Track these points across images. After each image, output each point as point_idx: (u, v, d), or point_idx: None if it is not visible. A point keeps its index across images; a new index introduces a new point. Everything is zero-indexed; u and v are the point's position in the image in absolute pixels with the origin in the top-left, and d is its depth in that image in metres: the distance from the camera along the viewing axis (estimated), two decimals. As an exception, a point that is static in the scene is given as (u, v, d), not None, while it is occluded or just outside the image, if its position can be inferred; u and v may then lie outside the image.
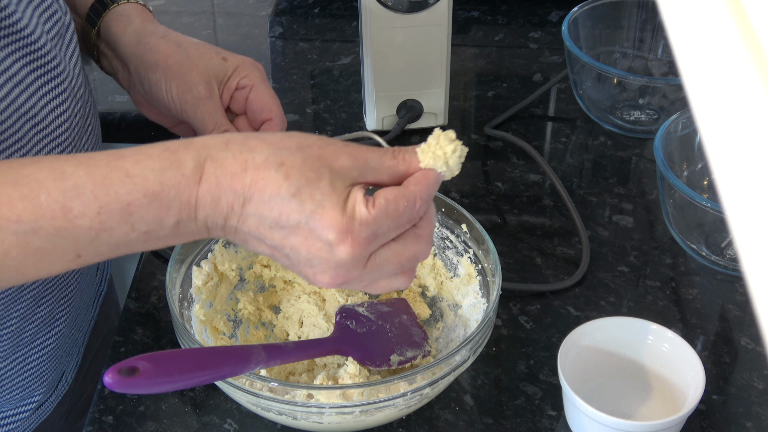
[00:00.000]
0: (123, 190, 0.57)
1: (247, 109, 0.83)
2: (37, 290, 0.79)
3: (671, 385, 0.79)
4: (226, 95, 0.82)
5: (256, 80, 0.82)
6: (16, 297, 0.77)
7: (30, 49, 0.71)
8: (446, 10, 1.03)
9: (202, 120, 0.80)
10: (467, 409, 0.82)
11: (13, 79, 0.70)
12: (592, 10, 1.16)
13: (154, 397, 0.82)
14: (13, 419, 0.86)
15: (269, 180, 0.58)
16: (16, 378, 0.84)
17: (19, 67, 0.70)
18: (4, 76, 0.69)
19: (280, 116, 0.83)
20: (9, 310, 0.77)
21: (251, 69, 0.82)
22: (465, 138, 1.12)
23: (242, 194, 0.58)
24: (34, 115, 0.72)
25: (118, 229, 0.58)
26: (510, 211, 1.02)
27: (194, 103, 0.80)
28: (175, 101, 0.81)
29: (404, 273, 0.64)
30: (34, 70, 0.72)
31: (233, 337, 0.84)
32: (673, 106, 1.10)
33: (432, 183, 0.62)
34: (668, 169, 0.90)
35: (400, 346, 0.80)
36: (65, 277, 0.83)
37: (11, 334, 0.79)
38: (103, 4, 0.84)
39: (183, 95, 0.80)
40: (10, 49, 0.70)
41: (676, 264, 0.95)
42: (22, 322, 0.80)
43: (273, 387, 0.71)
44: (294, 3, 1.37)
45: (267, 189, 0.58)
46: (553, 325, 0.88)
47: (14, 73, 0.70)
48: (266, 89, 0.82)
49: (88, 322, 0.94)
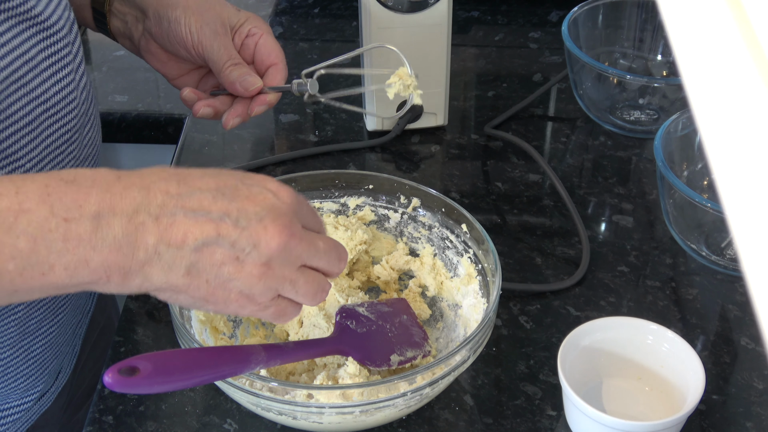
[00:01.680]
0: (40, 177, 0.57)
1: (255, 54, 0.90)
2: None
3: (671, 385, 0.79)
4: (237, 40, 0.89)
5: (265, 31, 0.90)
6: None
7: (47, 33, 0.73)
8: (446, 10, 1.03)
9: (218, 51, 0.87)
10: (467, 409, 0.82)
11: (29, 62, 0.71)
12: (592, 10, 1.16)
13: (154, 397, 0.82)
14: (16, 409, 0.88)
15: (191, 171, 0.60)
16: (20, 367, 0.85)
17: (36, 51, 0.72)
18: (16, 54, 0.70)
19: (283, 62, 0.90)
20: None
21: (260, 21, 0.91)
22: (465, 138, 1.12)
23: (174, 179, 0.58)
24: (47, 100, 0.75)
25: (37, 210, 0.55)
26: (510, 211, 1.02)
27: (212, 36, 0.87)
28: (194, 34, 0.86)
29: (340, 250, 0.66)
30: (49, 55, 0.73)
31: (233, 337, 0.84)
32: (673, 106, 1.10)
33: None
34: (668, 169, 0.90)
35: (400, 346, 0.80)
36: None
37: (18, 321, 0.81)
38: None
39: (201, 28, 0.86)
40: (29, 33, 0.71)
41: (676, 264, 0.95)
42: (28, 309, 0.81)
43: (273, 387, 0.71)
44: (294, 3, 1.37)
45: (194, 172, 0.60)
46: (553, 325, 0.88)
47: (31, 56, 0.71)
48: (273, 39, 0.91)
49: (86, 312, 0.96)
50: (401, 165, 1.09)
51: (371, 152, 1.10)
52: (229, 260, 0.58)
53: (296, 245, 0.61)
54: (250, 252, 0.59)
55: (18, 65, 0.69)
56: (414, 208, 0.89)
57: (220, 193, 0.58)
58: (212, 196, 0.58)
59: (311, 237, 0.62)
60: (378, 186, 0.90)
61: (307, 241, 0.62)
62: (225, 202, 0.58)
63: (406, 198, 0.89)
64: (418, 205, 0.89)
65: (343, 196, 0.91)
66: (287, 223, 0.60)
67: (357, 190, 0.91)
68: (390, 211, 0.90)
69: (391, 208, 0.90)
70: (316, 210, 0.68)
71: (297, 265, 0.62)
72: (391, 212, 0.91)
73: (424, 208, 0.89)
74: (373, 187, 0.90)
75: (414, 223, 0.90)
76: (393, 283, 0.90)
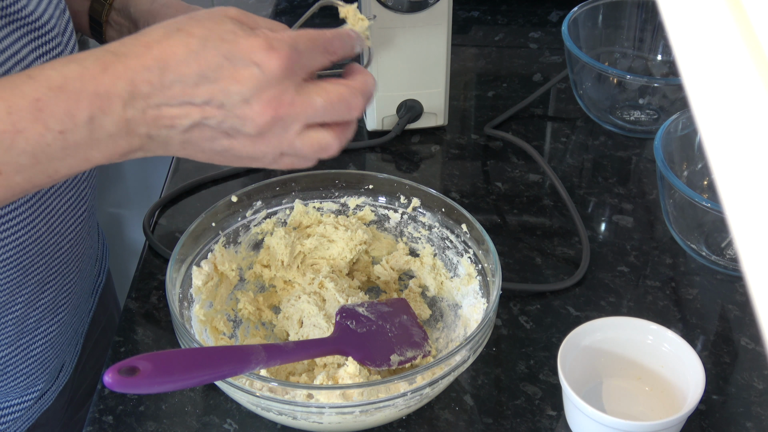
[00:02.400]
0: (28, 89, 0.57)
1: None
2: (41, 276, 0.81)
3: (671, 385, 0.79)
4: None
5: None
6: (21, 282, 0.79)
7: (38, 33, 0.73)
8: (446, 10, 1.03)
9: None
10: (467, 409, 0.82)
11: (20, 63, 0.71)
12: (592, 10, 1.16)
13: (154, 397, 0.82)
14: (17, 408, 0.88)
15: (175, 44, 0.59)
16: (20, 365, 0.85)
17: (28, 51, 0.71)
18: (6, 55, 0.69)
19: None
20: (14, 295, 0.79)
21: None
22: (465, 138, 1.12)
23: (156, 66, 0.58)
24: None
25: (32, 129, 0.57)
26: (510, 211, 1.02)
27: None
28: None
29: (332, 128, 0.64)
30: (41, 55, 0.73)
31: (233, 337, 0.84)
32: (673, 106, 1.10)
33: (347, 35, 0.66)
34: (668, 169, 0.90)
35: (400, 346, 0.80)
36: (67, 264, 0.84)
37: (16, 320, 0.81)
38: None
39: None
40: (19, 33, 0.71)
41: (676, 264, 0.95)
42: (26, 308, 0.81)
43: (273, 387, 0.71)
44: (294, 3, 1.37)
45: (178, 51, 0.59)
46: (553, 325, 0.88)
47: (22, 57, 0.71)
48: None
49: (87, 311, 0.96)
50: (401, 165, 1.09)
51: (371, 152, 1.10)
52: (220, 136, 0.61)
53: (287, 113, 0.61)
54: (239, 129, 0.60)
55: (9, 66, 0.69)
56: (414, 208, 0.89)
57: (203, 77, 0.59)
58: (194, 82, 0.59)
59: (306, 97, 0.61)
60: (378, 186, 0.90)
61: (301, 103, 0.61)
62: (208, 85, 0.59)
63: (406, 198, 0.89)
64: (418, 205, 0.89)
65: (343, 196, 0.91)
66: (274, 95, 0.60)
67: (357, 190, 0.90)
68: (390, 211, 0.90)
69: (391, 208, 0.90)
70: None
71: (294, 129, 0.62)
72: (391, 212, 0.91)
73: (424, 208, 0.89)
74: (373, 187, 0.90)
75: (414, 223, 0.90)
76: (393, 283, 0.90)
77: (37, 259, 0.79)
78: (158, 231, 1.00)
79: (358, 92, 0.64)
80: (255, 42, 0.60)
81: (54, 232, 0.79)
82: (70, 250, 0.83)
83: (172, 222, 1.01)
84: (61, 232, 0.81)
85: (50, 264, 0.81)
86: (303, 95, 0.61)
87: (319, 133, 0.63)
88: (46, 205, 0.77)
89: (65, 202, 0.80)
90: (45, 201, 0.77)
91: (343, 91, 0.63)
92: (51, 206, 0.78)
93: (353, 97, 0.63)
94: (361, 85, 0.65)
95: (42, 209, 0.77)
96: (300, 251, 0.89)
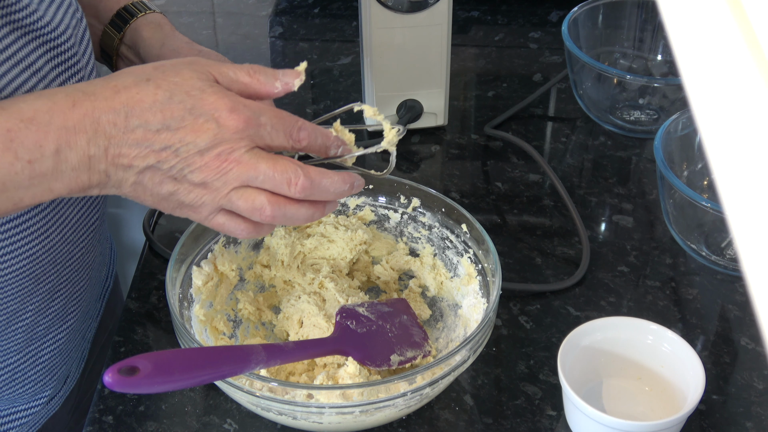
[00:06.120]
0: (1, 120, 0.61)
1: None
2: (51, 284, 0.80)
3: (671, 385, 0.79)
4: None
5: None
6: (32, 291, 0.78)
7: (53, 44, 0.73)
8: (446, 10, 1.03)
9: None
10: (467, 409, 0.82)
11: (36, 74, 0.71)
12: (592, 10, 1.16)
13: (154, 397, 0.82)
14: (25, 413, 0.88)
15: (143, 93, 0.64)
16: (28, 372, 0.85)
17: (44, 62, 0.71)
18: (22, 67, 0.69)
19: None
20: (25, 303, 0.79)
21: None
22: (465, 138, 1.12)
23: (122, 110, 0.63)
24: None
25: (3, 157, 0.60)
26: (510, 211, 1.02)
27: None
28: None
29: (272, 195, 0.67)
30: (57, 65, 0.73)
31: (233, 337, 0.84)
32: (673, 106, 1.10)
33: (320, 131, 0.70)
34: (668, 169, 0.90)
35: (400, 346, 0.80)
36: (78, 272, 0.84)
37: (26, 328, 0.81)
38: (130, 12, 0.89)
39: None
40: (35, 44, 0.71)
41: (676, 264, 0.95)
42: (36, 316, 0.81)
43: (273, 387, 0.71)
44: (294, 3, 1.37)
45: (145, 99, 0.63)
46: (553, 325, 0.88)
47: (38, 68, 0.71)
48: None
49: (95, 316, 0.96)
50: (401, 165, 1.09)
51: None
52: (168, 180, 0.65)
53: (231, 168, 0.65)
54: (186, 175, 0.65)
55: (25, 77, 0.69)
56: (414, 208, 0.89)
57: (165, 126, 0.63)
58: (156, 129, 0.63)
59: (254, 160, 0.65)
60: (378, 186, 0.90)
61: (246, 163, 0.65)
62: (168, 133, 0.63)
63: (406, 198, 0.89)
64: (418, 205, 0.89)
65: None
66: (225, 150, 0.64)
67: (357, 190, 0.90)
68: (390, 211, 0.90)
69: (391, 208, 0.90)
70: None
71: (233, 185, 0.66)
72: (391, 212, 0.91)
73: (424, 208, 0.89)
74: (373, 187, 0.90)
75: (414, 223, 0.90)
76: (393, 283, 0.90)
77: (49, 268, 0.78)
78: (158, 231, 1.00)
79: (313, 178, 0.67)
80: (220, 101, 0.64)
81: (67, 241, 0.79)
82: (81, 258, 0.83)
83: (172, 222, 1.01)
84: (74, 240, 0.80)
85: (62, 272, 0.81)
86: (251, 157, 0.65)
87: (256, 193, 0.67)
88: (60, 214, 0.77)
89: (78, 211, 0.80)
90: (59, 210, 0.77)
91: (290, 168, 0.66)
92: (65, 215, 0.78)
93: (298, 177, 0.66)
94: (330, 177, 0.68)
95: (56, 218, 0.77)
96: (300, 251, 0.89)
